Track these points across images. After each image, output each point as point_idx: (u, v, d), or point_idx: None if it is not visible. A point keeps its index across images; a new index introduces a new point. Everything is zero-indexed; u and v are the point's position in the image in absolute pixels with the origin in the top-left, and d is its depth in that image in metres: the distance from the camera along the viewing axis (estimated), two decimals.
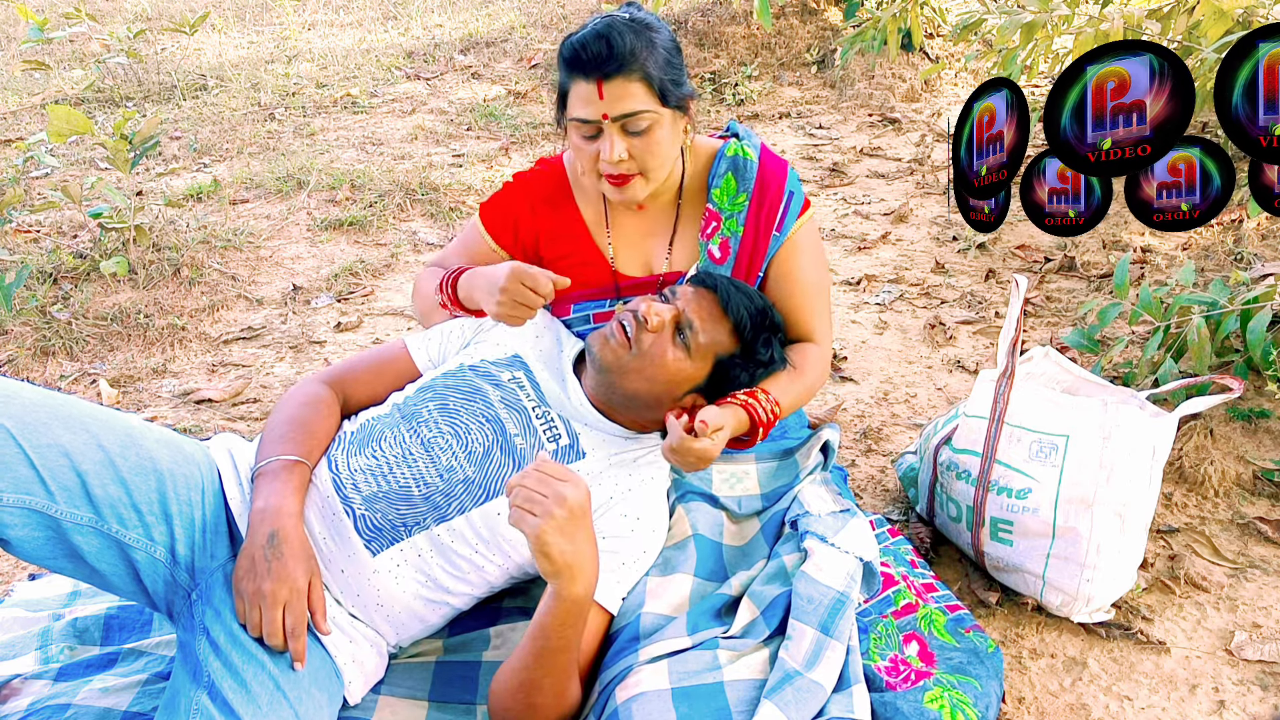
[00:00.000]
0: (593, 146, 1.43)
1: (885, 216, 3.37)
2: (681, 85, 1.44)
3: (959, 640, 1.38)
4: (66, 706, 1.27)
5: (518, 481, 1.12)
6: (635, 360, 1.38)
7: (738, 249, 1.57)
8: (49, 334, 2.61)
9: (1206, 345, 1.90)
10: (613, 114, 1.38)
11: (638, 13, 1.43)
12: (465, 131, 4.40)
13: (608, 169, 1.43)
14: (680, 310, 1.41)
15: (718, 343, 1.42)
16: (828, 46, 4.99)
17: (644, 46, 1.37)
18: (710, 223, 1.58)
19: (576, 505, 1.11)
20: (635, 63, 1.36)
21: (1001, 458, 1.54)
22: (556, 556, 1.09)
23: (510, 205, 1.64)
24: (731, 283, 1.46)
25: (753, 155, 1.59)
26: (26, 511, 1.11)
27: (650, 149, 1.42)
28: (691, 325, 1.40)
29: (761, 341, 1.45)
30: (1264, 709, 1.37)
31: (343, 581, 1.29)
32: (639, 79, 1.37)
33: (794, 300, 1.58)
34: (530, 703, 1.18)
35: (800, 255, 1.58)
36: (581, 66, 1.36)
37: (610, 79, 1.35)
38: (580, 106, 1.39)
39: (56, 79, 5.25)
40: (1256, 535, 1.70)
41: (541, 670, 1.16)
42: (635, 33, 1.36)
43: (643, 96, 1.38)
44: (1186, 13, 2.57)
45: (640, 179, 1.46)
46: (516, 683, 1.18)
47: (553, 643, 1.15)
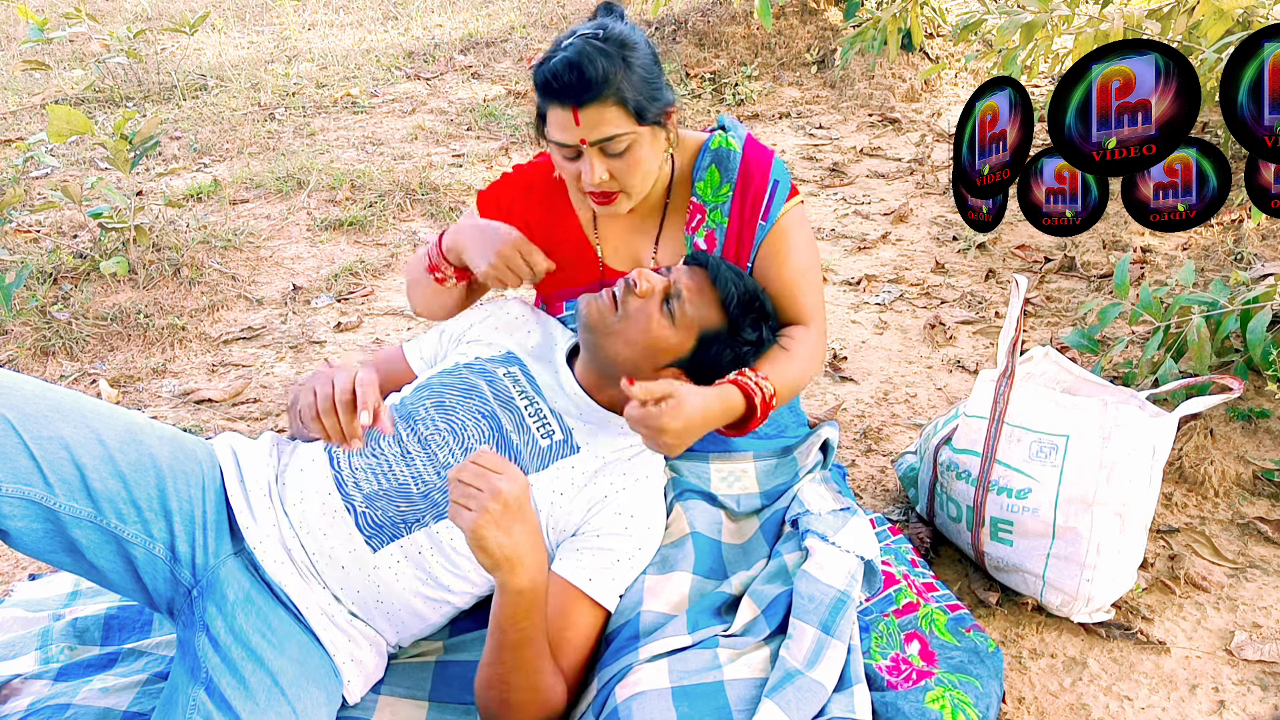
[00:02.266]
0: (574, 166, 1.43)
1: (885, 216, 3.37)
2: (658, 99, 1.42)
3: (960, 640, 1.38)
4: (66, 706, 1.27)
5: (454, 475, 1.12)
6: (619, 322, 1.39)
7: (724, 240, 1.57)
8: (49, 334, 2.61)
9: (1206, 345, 1.90)
10: (590, 139, 1.38)
11: (613, 26, 1.40)
12: (465, 131, 4.40)
13: (590, 188, 1.45)
14: (671, 281, 1.42)
15: (704, 318, 1.41)
16: (828, 46, 4.99)
17: (617, 69, 1.35)
18: (695, 215, 1.58)
19: (512, 498, 1.10)
20: (609, 88, 1.34)
21: (1001, 458, 1.54)
22: (494, 550, 1.09)
23: (506, 194, 1.65)
24: (724, 263, 1.47)
25: (736, 146, 1.57)
26: (26, 503, 1.11)
27: (631, 168, 1.43)
28: (680, 295, 1.40)
29: (749, 323, 1.44)
30: (1264, 709, 1.37)
31: (343, 578, 1.29)
32: (614, 103, 1.35)
33: (783, 286, 1.55)
34: (504, 699, 1.18)
35: (788, 241, 1.55)
36: (555, 95, 1.35)
37: (585, 106, 1.35)
38: (558, 131, 1.39)
39: (56, 79, 5.25)
40: (1256, 535, 1.70)
41: (506, 665, 1.16)
42: (607, 56, 1.34)
43: (619, 120, 1.37)
44: (1186, 13, 2.57)
45: (624, 195, 1.47)
46: (486, 680, 1.18)
47: (509, 636, 1.15)
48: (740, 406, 1.38)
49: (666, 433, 1.28)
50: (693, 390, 1.33)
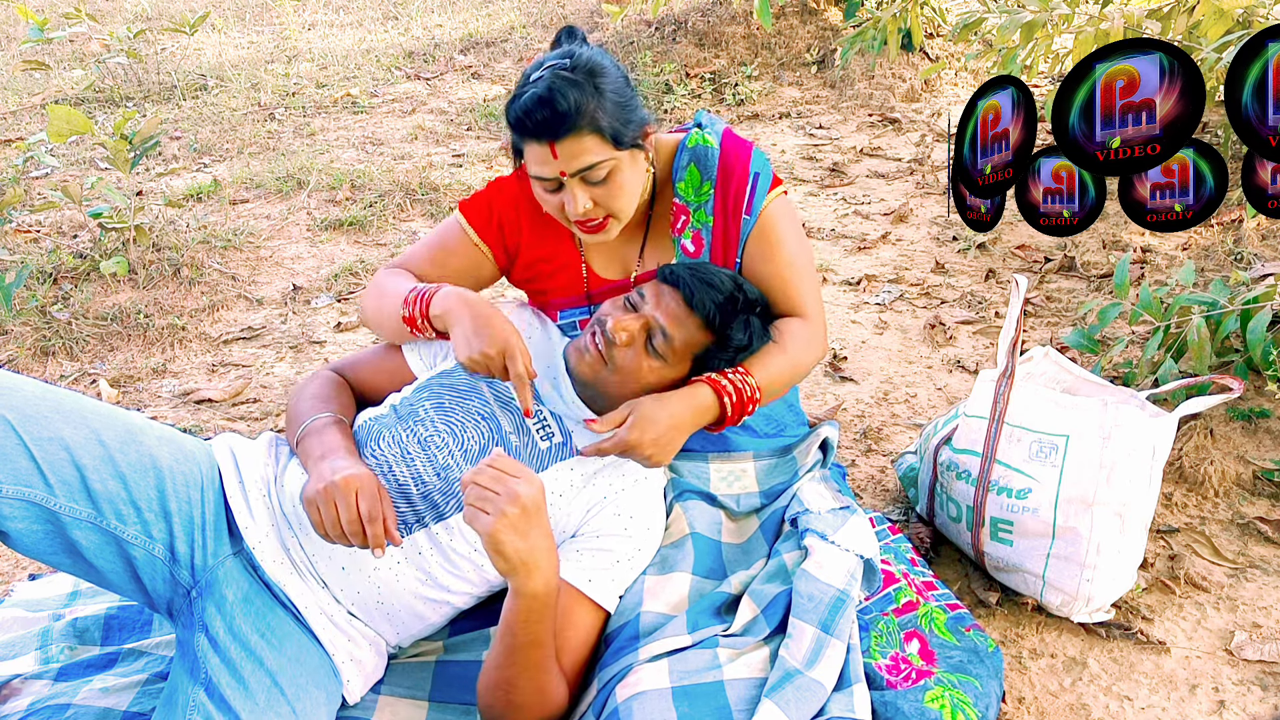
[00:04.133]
0: (557, 198, 1.42)
1: (885, 216, 3.37)
2: (633, 121, 1.40)
3: (959, 639, 1.38)
4: (66, 706, 1.27)
5: (471, 478, 1.11)
6: (614, 375, 1.39)
7: (710, 239, 1.54)
8: (49, 334, 2.61)
9: (1206, 345, 1.90)
10: (570, 170, 1.36)
11: (580, 53, 1.38)
12: (465, 131, 4.40)
13: (576, 218, 1.42)
14: (649, 317, 1.39)
15: (691, 342, 1.40)
16: (828, 46, 4.99)
17: (589, 98, 1.33)
18: (679, 217, 1.55)
19: (530, 502, 1.10)
20: (583, 119, 1.32)
21: (1001, 458, 1.54)
22: (511, 554, 1.09)
23: (495, 202, 1.61)
24: (695, 274, 1.42)
25: (713, 142, 1.54)
26: (26, 504, 1.11)
27: (614, 193, 1.41)
28: (663, 331, 1.38)
29: (736, 326, 1.41)
30: (1264, 709, 1.37)
31: (343, 579, 1.29)
32: (589, 132, 1.34)
33: (776, 279, 1.53)
34: (510, 701, 1.18)
35: (775, 232, 1.52)
36: (530, 132, 1.34)
37: (561, 140, 1.33)
38: (536, 166, 1.38)
39: (56, 79, 5.25)
40: (1256, 535, 1.70)
41: (515, 668, 1.16)
42: (578, 86, 1.32)
43: (596, 148, 1.35)
44: (1186, 13, 2.57)
45: (613, 220, 1.45)
46: (493, 682, 1.18)
47: (520, 639, 1.15)
48: (713, 404, 1.39)
49: (643, 447, 1.32)
50: (651, 399, 1.36)
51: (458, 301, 1.41)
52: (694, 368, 1.42)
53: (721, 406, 1.39)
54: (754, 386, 1.41)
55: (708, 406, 1.38)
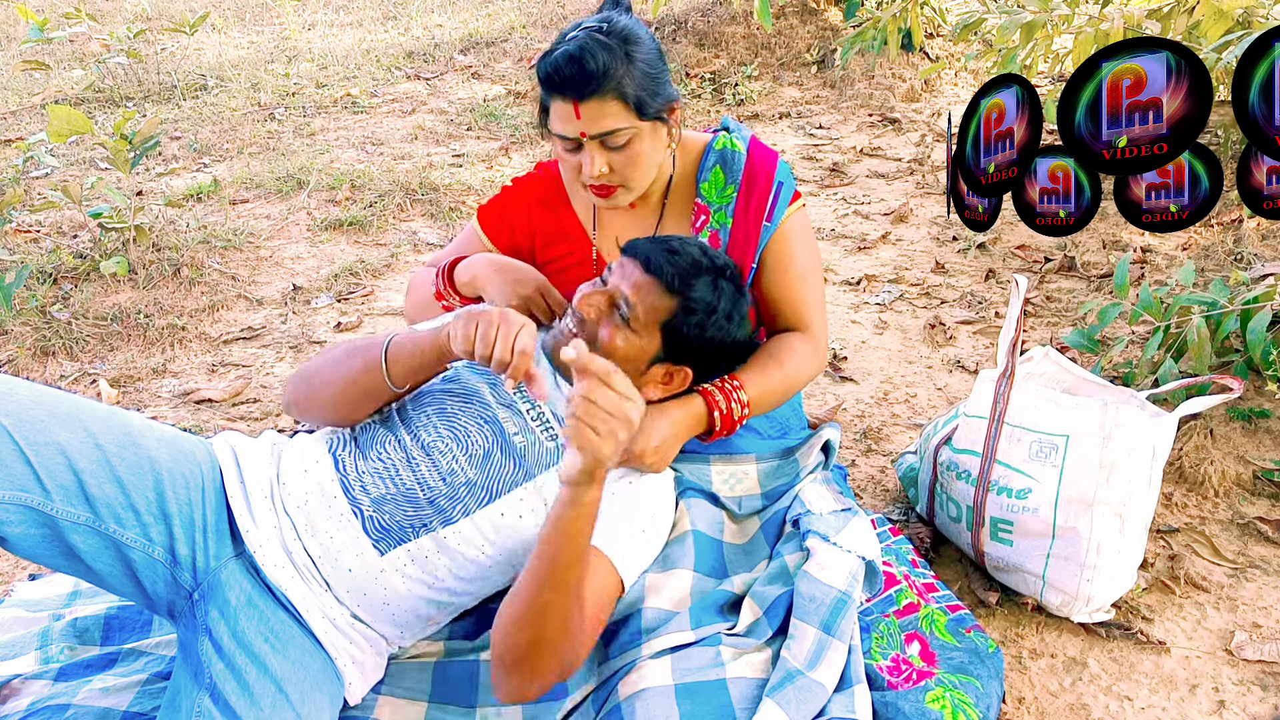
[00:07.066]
0: (575, 158, 1.44)
1: (885, 216, 3.37)
2: (660, 95, 1.42)
3: (960, 640, 1.38)
4: (66, 706, 1.27)
5: (584, 394, 1.05)
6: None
7: (727, 241, 1.57)
8: (49, 334, 2.61)
9: (1206, 345, 1.90)
10: (590, 132, 1.38)
11: (618, 20, 1.39)
12: (465, 131, 4.40)
13: (590, 181, 1.45)
14: (612, 290, 1.38)
15: (655, 308, 1.36)
16: (828, 46, 4.99)
17: (619, 63, 1.35)
18: (699, 216, 1.58)
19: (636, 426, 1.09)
20: (610, 82, 1.35)
21: (1001, 458, 1.54)
22: (600, 473, 1.08)
23: (508, 207, 1.66)
24: (656, 243, 1.40)
25: (741, 147, 1.58)
26: (23, 509, 1.11)
27: (630, 162, 1.43)
28: (626, 300, 1.36)
29: (699, 286, 1.36)
30: (1264, 709, 1.37)
31: (350, 581, 1.28)
32: (614, 98, 1.36)
33: (787, 290, 1.56)
34: (537, 638, 1.11)
35: (792, 244, 1.57)
36: (556, 88, 1.36)
37: (585, 100, 1.35)
38: (559, 124, 1.40)
39: (56, 79, 5.25)
40: (1256, 535, 1.70)
41: (553, 591, 1.10)
42: (609, 50, 1.34)
43: (619, 114, 1.38)
44: (1186, 13, 2.57)
45: (623, 189, 1.47)
46: (518, 617, 1.12)
47: (564, 557, 1.10)
48: (705, 414, 1.42)
49: (645, 455, 1.36)
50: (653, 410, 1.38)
51: (483, 263, 1.52)
52: (666, 337, 1.37)
53: (710, 420, 1.43)
54: (744, 402, 1.44)
55: (700, 416, 1.42)
